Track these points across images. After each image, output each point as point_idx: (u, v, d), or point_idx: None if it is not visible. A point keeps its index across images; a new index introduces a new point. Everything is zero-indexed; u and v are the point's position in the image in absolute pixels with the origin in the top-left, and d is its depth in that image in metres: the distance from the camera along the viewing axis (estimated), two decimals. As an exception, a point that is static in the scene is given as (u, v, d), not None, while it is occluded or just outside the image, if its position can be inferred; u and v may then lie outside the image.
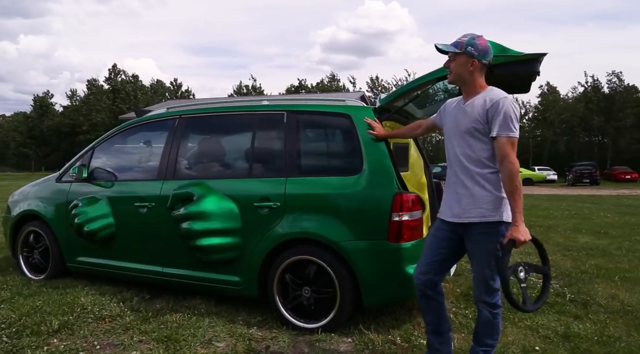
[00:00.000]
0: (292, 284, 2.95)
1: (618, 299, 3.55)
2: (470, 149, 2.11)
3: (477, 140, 2.09)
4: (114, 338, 2.78)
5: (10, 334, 2.76)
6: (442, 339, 2.29)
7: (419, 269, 2.26)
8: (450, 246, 2.19)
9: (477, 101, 2.11)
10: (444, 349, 2.28)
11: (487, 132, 2.06)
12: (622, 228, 7.49)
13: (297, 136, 3.09)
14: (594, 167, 28.80)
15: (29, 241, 4.08)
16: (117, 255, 3.60)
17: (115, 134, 3.83)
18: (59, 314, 3.09)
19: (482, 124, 2.05)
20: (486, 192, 2.07)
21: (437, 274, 2.23)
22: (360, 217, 2.81)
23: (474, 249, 2.14)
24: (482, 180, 2.09)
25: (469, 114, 2.10)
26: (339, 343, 2.73)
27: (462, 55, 2.11)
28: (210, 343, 2.72)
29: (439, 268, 2.23)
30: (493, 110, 2.02)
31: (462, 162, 2.13)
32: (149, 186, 3.44)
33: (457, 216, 2.14)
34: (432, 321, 2.29)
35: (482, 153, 2.09)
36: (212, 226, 3.05)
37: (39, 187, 4.17)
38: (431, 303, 2.25)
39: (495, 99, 2.05)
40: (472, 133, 2.09)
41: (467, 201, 2.10)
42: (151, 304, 3.38)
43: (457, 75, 2.15)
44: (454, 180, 2.18)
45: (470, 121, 2.09)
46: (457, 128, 2.17)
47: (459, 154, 2.15)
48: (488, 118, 2.04)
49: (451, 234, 2.17)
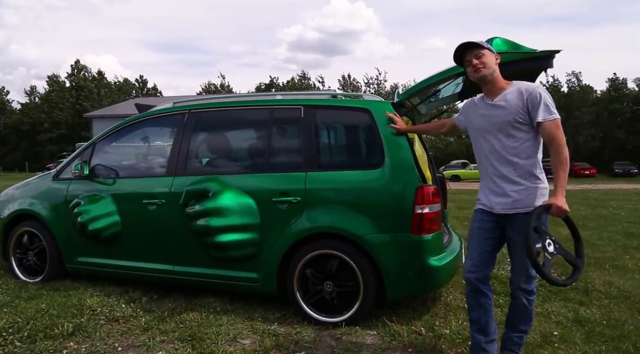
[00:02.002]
0: (313, 279, 2.95)
1: (614, 286, 3.74)
2: (512, 142, 2.16)
3: (518, 131, 2.15)
4: (134, 338, 2.70)
5: (22, 339, 2.63)
6: (489, 339, 2.25)
7: (470, 262, 2.26)
8: (495, 236, 2.24)
9: (511, 95, 2.17)
10: (491, 349, 2.25)
11: (527, 123, 2.12)
12: (597, 220, 7.86)
13: (315, 130, 3.08)
14: (557, 163, 30.04)
15: (23, 242, 3.89)
16: (124, 254, 3.48)
17: (117, 130, 3.70)
18: (69, 316, 2.96)
19: (522, 114, 2.12)
20: (529, 183, 2.13)
21: (488, 266, 2.27)
22: (384, 211, 2.83)
23: (515, 237, 2.19)
24: (523, 172, 2.15)
25: (507, 108, 2.15)
26: (364, 335, 2.75)
27: (486, 50, 2.20)
28: (235, 340, 2.68)
29: (489, 260, 2.26)
30: (532, 99, 2.10)
31: (505, 157, 2.17)
32: (158, 182, 3.35)
33: (502, 207, 2.19)
34: (479, 319, 2.25)
35: (524, 145, 2.14)
36: (230, 222, 3.00)
37: (32, 186, 3.98)
38: (482, 299, 2.24)
39: (531, 89, 2.13)
40: (514, 125, 2.14)
41: (514, 193, 2.16)
42: (162, 303, 3.29)
43: (491, 67, 2.19)
44: (494, 173, 2.21)
45: (511, 114, 2.14)
46: (493, 124, 2.21)
47: (499, 149, 2.19)
48: (529, 108, 2.11)
49: (495, 224, 2.22)
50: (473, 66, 2.21)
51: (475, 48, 2.21)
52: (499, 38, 2.79)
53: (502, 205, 2.19)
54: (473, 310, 2.27)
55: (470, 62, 2.21)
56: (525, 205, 2.14)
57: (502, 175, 2.19)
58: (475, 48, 2.21)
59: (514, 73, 2.76)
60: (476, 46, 2.21)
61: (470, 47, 2.22)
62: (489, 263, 2.26)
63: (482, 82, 2.26)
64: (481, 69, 2.19)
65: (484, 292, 2.24)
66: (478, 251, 2.25)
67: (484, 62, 2.19)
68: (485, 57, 2.19)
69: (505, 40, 2.79)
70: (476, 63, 2.20)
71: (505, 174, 2.18)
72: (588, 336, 2.71)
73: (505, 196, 2.18)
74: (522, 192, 2.15)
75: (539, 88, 2.14)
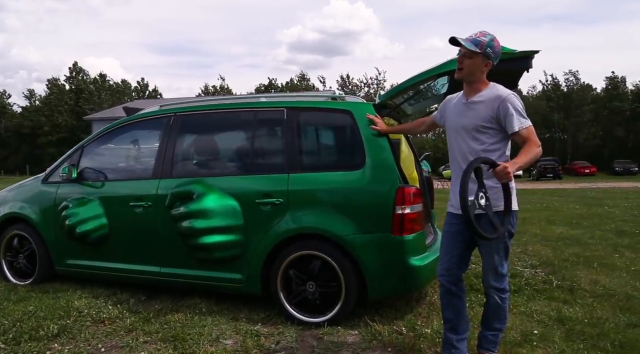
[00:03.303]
0: (296, 280, 2.98)
1: (600, 284, 3.76)
2: (479, 145, 2.18)
3: (486, 135, 2.17)
4: (117, 339, 2.73)
5: (7, 341, 2.66)
6: (460, 337, 2.30)
7: (442, 265, 2.30)
8: (465, 239, 2.26)
9: (484, 98, 2.18)
10: (461, 347, 2.29)
11: (496, 128, 2.14)
12: (591, 219, 7.87)
13: (297, 132, 3.11)
14: (557, 162, 30.15)
15: (13, 245, 3.92)
16: (112, 256, 3.51)
17: (105, 133, 3.73)
18: (55, 318, 2.99)
19: (491, 121, 2.14)
20: (495, 184, 2.14)
21: (460, 268, 2.29)
22: (364, 212, 2.86)
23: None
24: (489, 173, 2.16)
25: (477, 111, 2.17)
26: (346, 335, 2.78)
27: (479, 55, 2.13)
28: (217, 340, 2.71)
29: (460, 262, 2.28)
30: (504, 110, 2.10)
31: (469, 158, 2.18)
32: (145, 184, 3.38)
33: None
34: (452, 319, 2.30)
35: (490, 147, 2.16)
36: (213, 223, 3.03)
37: (22, 190, 4.02)
38: (454, 300, 2.28)
39: (503, 96, 2.13)
40: (481, 130, 2.16)
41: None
42: (149, 305, 3.32)
43: (469, 73, 2.18)
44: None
45: (480, 119, 2.16)
46: (463, 125, 2.23)
47: (466, 150, 2.21)
48: (500, 117, 2.12)
49: (463, 227, 2.24)
50: (459, 62, 2.21)
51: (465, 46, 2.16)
52: None
53: None
54: (446, 310, 2.31)
55: (462, 54, 2.18)
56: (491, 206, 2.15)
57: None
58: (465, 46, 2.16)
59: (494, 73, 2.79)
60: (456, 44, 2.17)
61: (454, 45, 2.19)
62: (460, 265, 2.29)
63: (465, 81, 2.27)
64: (460, 71, 2.21)
65: (456, 293, 2.27)
66: (448, 255, 2.28)
67: (465, 65, 2.18)
68: (470, 61, 2.16)
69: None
70: (460, 61, 2.19)
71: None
72: (568, 335, 2.73)
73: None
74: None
75: (511, 96, 2.14)
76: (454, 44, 2.18)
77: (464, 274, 2.35)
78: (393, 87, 3.08)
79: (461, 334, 2.29)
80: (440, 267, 2.32)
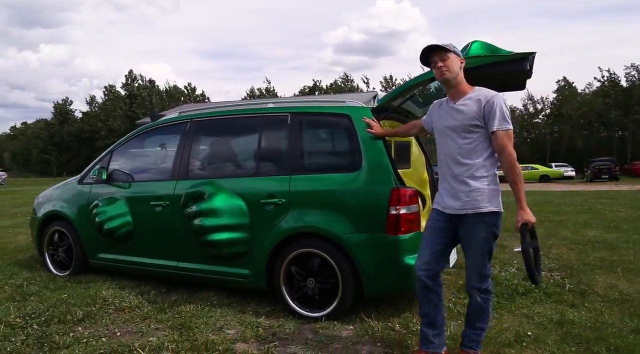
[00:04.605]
0: (298, 276, 3.14)
1: (617, 289, 3.64)
2: (466, 145, 2.24)
3: (474, 134, 2.23)
4: (133, 326, 3.01)
5: (39, 323, 3.01)
6: (436, 332, 2.37)
7: (421, 260, 2.36)
8: (448, 236, 2.33)
9: (471, 100, 2.24)
10: (437, 341, 2.36)
11: (484, 128, 2.21)
12: (633, 222, 7.46)
13: (300, 136, 3.27)
14: (614, 162, 28.31)
15: (54, 240, 4.36)
16: (135, 251, 3.84)
17: (131, 138, 4.08)
18: (83, 305, 3.34)
19: (479, 120, 2.20)
20: (481, 185, 2.21)
21: (439, 264, 2.35)
22: (360, 212, 2.97)
23: (468, 238, 2.28)
24: (476, 174, 2.23)
25: (465, 112, 2.24)
26: (341, 329, 2.90)
27: (452, 53, 2.25)
28: (221, 330, 2.92)
29: (440, 258, 2.35)
30: (489, 107, 2.18)
31: (458, 159, 2.26)
32: (164, 185, 3.67)
33: (453, 208, 2.28)
34: (429, 314, 2.36)
35: (477, 148, 2.23)
36: (222, 222, 3.25)
37: (62, 190, 4.45)
38: (430, 295, 2.34)
39: (490, 96, 2.20)
40: (469, 130, 2.23)
41: (463, 194, 2.24)
42: (167, 296, 3.60)
43: (454, 71, 2.25)
44: (450, 174, 2.31)
45: (469, 119, 2.22)
46: (450, 126, 2.30)
47: (454, 151, 2.28)
48: (485, 115, 2.19)
49: (448, 225, 2.31)
50: (438, 68, 2.27)
51: (440, 51, 2.26)
52: (478, 42, 2.86)
53: (453, 207, 2.27)
54: (423, 305, 2.37)
55: (436, 64, 2.27)
56: (475, 206, 2.21)
57: (454, 176, 2.27)
58: (441, 51, 2.26)
59: (493, 76, 2.82)
60: (441, 49, 2.26)
61: (436, 50, 2.28)
62: (440, 261, 2.35)
63: (446, 85, 2.34)
64: (445, 73, 2.26)
65: (433, 289, 2.33)
66: (430, 250, 2.34)
67: (448, 66, 2.25)
68: (449, 61, 2.24)
69: (483, 45, 2.85)
70: (441, 66, 2.26)
71: (457, 174, 2.26)
72: (563, 338, 2.71)
73: (456, 197, 2.26)
74: (471, 194, 2.22)
75: (498, 97, 2.20)
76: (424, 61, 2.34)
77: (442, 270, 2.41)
78: (391, 90, 3.16)
79: (438, 328, 2.36)
80: (419, 261, 2.37)
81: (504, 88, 3.41)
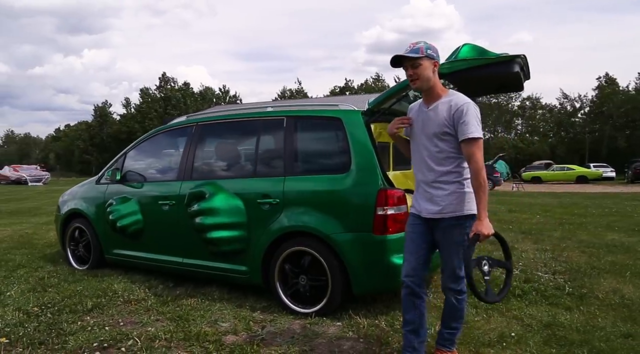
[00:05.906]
0: (291, 273, 3.27)
1: (619, 294, 3.57)
2: (438, 151, 2.27)
3: (444, 142, 2.26)
4: (136, 317, 3.22)
5: (53, 312, 3.27)
6: (421, 339, 2.36)
7: (407, 266, 2.35)
8: (429, 240, 2.35)
9: (442, 106, 2.25)
10: (422, 349, 2.36)
11: (453, 134, 2.22)
12: (660, 226, 7.17)
13: (295, 138, 3.40)
14: (657, 163, 26.91)
15: (75, 236, 4.68)
16: (145, 247, 4.08)
17: (143, 141, 4.33)
18: (94, 297, 3.59)
19: (448, 127, 2.22)
20: (453, 188, 2.25)
21: (424, 269, 2.38)
22: (349, 212, 3.07)
23: (443, 240, 2.32)
24: (449, 178, 2.26)
25: (434, 118, 2.26)
26: (329, 325, 3.01)
27: (424, 58, 2.22)
28: (215, 322, 3.08)
29: (425, 263, 2.37)
30: (458, 114, 2.18)
31: (429, 164, 2.30)
32: (171, 186, 3.89)
33: (429, 212, 2.32)
34: (414, 321, 2.35)
35: (448, 154, 2.25)
36: (221, 220, 3.42)
37: (83, 189, 4.76)
38: (417, 301, 2.35)
39: (460, 104, 2.20)
40: (439, 136, 2.26)
41: (437, 198, 2.28)
42: (173, 290, 3.81)
43: (425, 79, 2.24)
44: (423, 179, 2.35)
45: (438, 125, 2.25)
46: (423, 132, 2.33)
47: (426, 156, 2.32)
48: (454, 122, 2.20)
49: (425, 228, 2.34)
50: (409, 76, 2.28)
51: (410, 60, 2.25)
52: (468, 45, 2.89)
53: (429, 211, 2.31)
54: (408, 312, 2.36)
55: (407, 71, 2.29)
56: (451, 210, 2.25)
57: (429, 181, 2.31)
58: (410, 60, 2.25)
59: (489, 78, 2.85)
60: (408, 59, 2.26)
61: (403, 60, 2.27)
62: (425, 266, 2.37)
63: (419, 91, 2.38)
64: (415, 81, 2.27)
65: (419, 295, 2.34)
66: (415, 255, 2.35)
67: (418, 73, 2.24)
68: (421, 68, 2.24)
69: (472, 48, 2.87)
70: (411, 73, 2.26)
71: (431, 179, 2.29)
72: (546, 340, 2.71)
73: (432, 201, 2.29)
74: (447, 198, 2.25)
75: (469, 104, 2.20)
76: (395, 64, 2.29)
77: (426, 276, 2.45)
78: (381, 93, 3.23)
79: (422, 336, 2.36)
80: (406, 267, 2.38)
81: (503, 89, 3.42)
